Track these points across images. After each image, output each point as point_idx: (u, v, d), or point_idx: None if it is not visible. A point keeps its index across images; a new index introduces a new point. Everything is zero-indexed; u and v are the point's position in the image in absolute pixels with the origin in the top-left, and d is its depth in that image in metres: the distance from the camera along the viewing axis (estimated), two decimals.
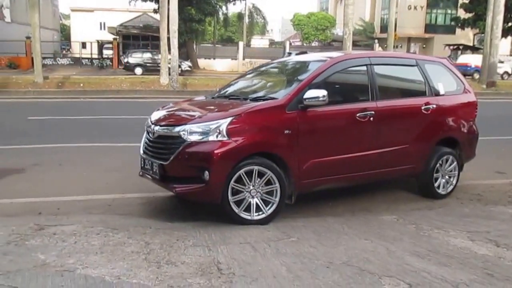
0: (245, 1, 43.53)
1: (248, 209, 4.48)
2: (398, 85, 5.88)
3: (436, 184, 5.66)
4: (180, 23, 22.20)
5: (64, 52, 46.55)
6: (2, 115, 10.93)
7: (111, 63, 34.58)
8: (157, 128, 4.74)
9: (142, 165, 4.96)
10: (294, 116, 4.63)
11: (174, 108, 5.26)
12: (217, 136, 4.35)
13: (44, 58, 26.73)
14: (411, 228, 4.53)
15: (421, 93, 5.66)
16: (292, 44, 47.78)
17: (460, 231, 4.43)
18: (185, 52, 32.62)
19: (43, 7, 34.27)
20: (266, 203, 4.54)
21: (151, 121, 4.95)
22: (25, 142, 8.62)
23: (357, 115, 5.00)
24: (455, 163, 5.77)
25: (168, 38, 20.81)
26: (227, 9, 42.39)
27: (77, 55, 38.94)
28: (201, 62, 38.13)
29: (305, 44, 50.03)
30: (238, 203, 4.44)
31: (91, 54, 38.93)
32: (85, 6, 56.10)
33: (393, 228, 4.54)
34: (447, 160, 5.69)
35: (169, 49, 20.90)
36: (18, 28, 37.33)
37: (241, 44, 41.62)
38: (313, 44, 50.43)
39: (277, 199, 4.53)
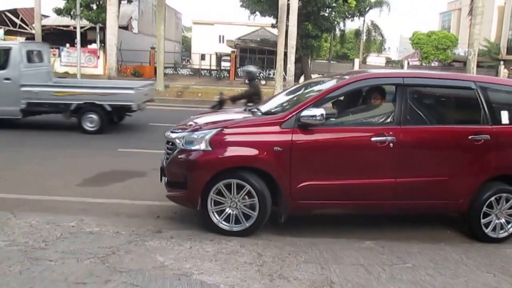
0: (363, 18, 42.93)
1: (228, 219, 4.50)
2: (440, 110, 5.20)
3: (486, 225, 4.85)
4: (296, 38, 22.44)
5: (184, 62, 49.32)
6: (126, 120, 11.77)
7: (228, 75, 35.97)
8: (167, 133, 4.95)
9: None
10: (288, 134, 4.45)
11: (195, 116, 5.42)
12: (201, 146, 4.48)
13: (166, 67, 28.52)
14: None
15: (473, 121, 4.94)
16: (410, 63, 46.06)
17: None
18: (299, 67, 32.90)
19: (167, 20, 36.76)
20: (246, 216, 4.46)
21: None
22: (147, 146, 9.18)
23: (372, 139, 4.55)
24: None
25: (285, 53, 21.13)
26: (344, 25, 42.00)
27: (197, 66, 41.02)
28: (315, 77, 38.15)
29: (424, 64, 47.98)
30: (219, 213, 4.50)
31: (210, 65, 40.80)
32: (206, 19, 59.17)
33: None
34: (507, 200, 4.85)
35: (285, 64, 21.20)
36: (144, 39, 40.34)
37: (357, 61, 41.03)
38: (432, 64, 48.18)
39: (256, 213, 4.42)
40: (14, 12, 36.87)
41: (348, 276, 3.54)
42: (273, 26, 33.92)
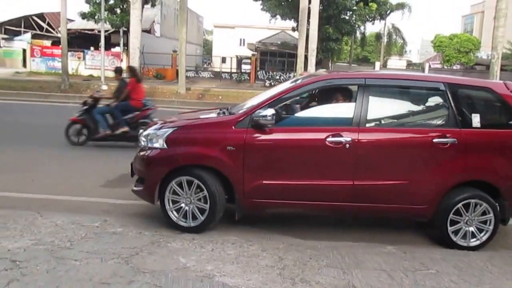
0: (384, 21, 42.62)
1: (186, 216, 4.62)
2: (404, 112, 4.95)
3: (455, 233, 4.63)
4: (317, 41, 22.41)
5: (205, 65, 49.66)
6: None
7: (248, 78, 36.05)
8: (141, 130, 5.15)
9: None
10: (242, 134, 4.52)
11: (180, 114, 5.64)
12: (158, 144, 4.68)
13: (187, 70, 28.74)
14: None
15: (440, 124, 4.73)
16: (431, 66, 45.49)
17: None
18: None
19: (189, 23, 37.05)
20: (202, 211, 4.57)
21: None
22: None
23: (328, 140, 4.50)
24: (491, 214, 4.58)
25: (305, 56, 21.11)
26: (365, 28, 41.76)
27: (217, 69, 41.27)
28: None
29: (445, 67, 47.35)
30: (177, 210, 4.64)
31: (231, 68, 40.94)
32: (227, 23, 59.48)
33: None
34: (476, 206, 4.58)
35: (305, 67, 21.18)
36: (166, 42, 40.73)
37: (377, 64, 40.78)
38: (454, 67, 47.53)
39: (208, 206, 4.53)
40: (41, 16, 37.66)
41: (370, 281, 3.53)
42: (293, 29, 33.94)
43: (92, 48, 33.77)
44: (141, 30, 19.91)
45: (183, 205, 4.63)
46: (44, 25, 37.65)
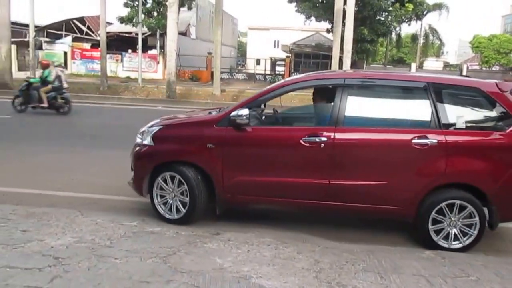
0: (421, 21, 41.85)
1: (171, 209, 4.92)
2: (383, 112, 4.79)
3: (436, 232, 4.52)
4: (352, 43, 22.20)
5: (239, 67, 49.90)
6: None
7: (282, 79, 36.08)
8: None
9: None
10: (221, 132, 4.73)
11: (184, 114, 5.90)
12: (146, 141, 4.99)
13: (222, 72, 28.96)
14: None
15: (420, 125, 4.59)
16: (469, 67, 44.38)
17: None
18: None
19: (224, 26, 37.34)
20: (184, 204, 4.85)
21: None
22: None
23: (302, 139, 4.56)
24: (476, 218, 4.44)
25: (340, 58, 20.94)
26: (400, 29, 41.16)
27: (251, 71, 41.44)
28: None
29: (484, 68, 46.10)
30: (164, 204, 4.96)
31: (265, 70, 41.09)
32: (262, 25, 59.62)
33: None
34: (461, 208, 4.45)
35: (340, 68, 21.02)
36: (201, 44, 41.20)
37: (413, 65, 40.04)
38: (493, 68, 46.20)
39: (188, 199, 4.79)
40: (81, 20, 38.71)
41: (408, 287, 3.46)
42: (328, 31, 33.75)
43: (129, 51, 34.53)
44: (177, 33, 20.18)
45: (168, 199, 4.91)
46: (84, 29, 38.66)
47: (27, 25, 26.94)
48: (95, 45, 35.12)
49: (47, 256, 3.61)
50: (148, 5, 32.24)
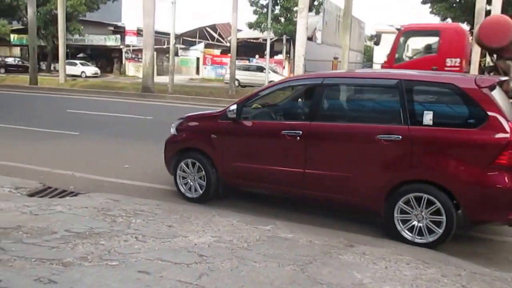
0: None
1: (191, 189, 5.90)
2: (354, 109, 5.43)
3: (402, 222, 4.61)
4: None
5: None
6: None
7: None
8: None
9: None
10: (221, 125, 5.62)
11: None
12: (172, 131, 6.19)
13: None
14: None
15: (387, 121, 4.80)
16: None
17: None
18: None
19: (352, 30, 36.77)
20: (201, 186, 5.80)
21: None
22: None
23: (283, 131, 5.16)
24: (443, 216, 4.38)
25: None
26: None
27: None
28: None
29: None
30: (185, 185, 5.94)
31: None
32: (390, 28, 57.54)
33: None
34: (428, 202, 4.43)
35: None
36: (327, 49, 41.04)
37: None
38: None
39: (204, 182, 5.75)
40: (213, 27, 40.97)
41: None
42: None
43: (257, 56, 35.66)
44: (306, 38, 20.32)
45: (189, 180, 5.89)
46: (216, 35, 40.84)
47: (164, 33, 29.17)
48: (224, 51, 36.87)
49: (192, 253, 3.80)
50: (276, 11, 32.99)
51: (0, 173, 6.67)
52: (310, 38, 37.35)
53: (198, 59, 39.35)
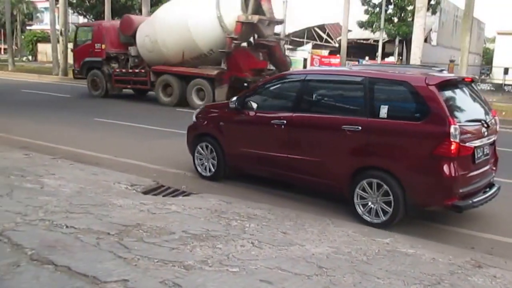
0: None
1: (206, 169, 6.87)
2: (328, 102, 5.95)
3: (362, 206, 5.26)
4: None
5: (483, 77, 45.45)
6: None
7: None
8: None
9: None
10: (229, 113, 6.51)
11: None
12: (193, 119, 7.18)
13: None
14: None
15: (352, 113, 5.47)
16: None
17: None
18: None
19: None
20: (213, 166, 6.75)
21: None
22: None
23: (272, 121, 5.92)
24: (390, 196, 5.00)
25: None
26: None
27: (497, 81, 37.22)
28: None
29: None
30: (201, 165, 6.92)
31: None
32: None
33: None
34: (378, 186, 5.09)
35: None
36: (442, 51, 38.77)
37: None
38: None
39: (216, 162, 6.69)
40: (322, 27, 40.71)
41: None
42: None
43: (367, 58, 34.74)
44: (423, 40, 19.32)
45: (204, 161, 6.85)
46: (324, 35, 40.53)
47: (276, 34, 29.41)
48: (332, 51, 36.44)
49: (311, 264, 3.73)
50: (389, 11, 31.87)
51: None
52: (424, 40, 35.61)
53: (305, 59, 39.32)
